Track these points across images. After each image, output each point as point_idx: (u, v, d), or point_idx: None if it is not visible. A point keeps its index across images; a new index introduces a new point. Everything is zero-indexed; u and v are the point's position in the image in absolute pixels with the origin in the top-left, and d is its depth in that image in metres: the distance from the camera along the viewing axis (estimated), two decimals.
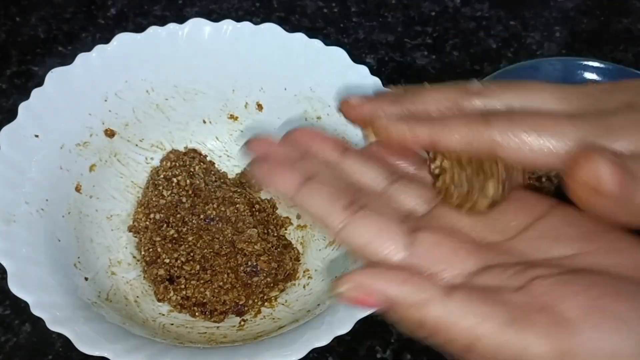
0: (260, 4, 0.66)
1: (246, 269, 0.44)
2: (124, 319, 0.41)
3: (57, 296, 0.38)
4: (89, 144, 0.46)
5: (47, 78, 0.44)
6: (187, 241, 0.45)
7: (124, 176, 0.49)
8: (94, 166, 0.47)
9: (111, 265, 0.45)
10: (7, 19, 0.63)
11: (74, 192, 0.45)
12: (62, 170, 0.44)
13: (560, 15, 0.68)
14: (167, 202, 0.46)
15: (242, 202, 0.47)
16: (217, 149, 0.52)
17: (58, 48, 0.62)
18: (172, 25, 0.48)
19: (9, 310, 0.47)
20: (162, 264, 0.44)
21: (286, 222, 0.50)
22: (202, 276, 0.44)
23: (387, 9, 0.67)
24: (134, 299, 0.44)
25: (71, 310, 0.37)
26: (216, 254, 0.45)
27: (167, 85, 0.49)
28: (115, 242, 0.47)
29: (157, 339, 0.39)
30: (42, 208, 0.42)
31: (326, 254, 0.47)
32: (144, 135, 0.50)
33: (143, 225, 0.46)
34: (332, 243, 0.47)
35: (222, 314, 0.44)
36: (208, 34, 0.48)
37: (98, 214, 0.47)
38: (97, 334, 0.36)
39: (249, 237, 0.45)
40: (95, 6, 0.65)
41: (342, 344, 0.47)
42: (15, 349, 0.45)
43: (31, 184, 0.42)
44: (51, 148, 0.44)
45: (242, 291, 0.44)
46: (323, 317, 0.38)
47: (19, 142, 0.42)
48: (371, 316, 0.37)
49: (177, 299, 0.44)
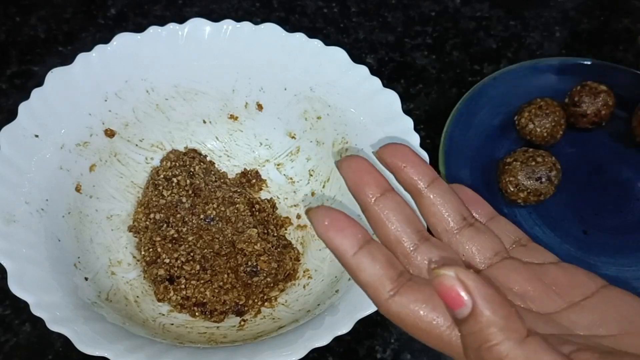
0: (260, 4, 0.66)
1: (246, 269, 0.44)
2: (124, 319, 0.40)
3: (57, 296, 0.38)
4: (89, 144, 0.46)
5: (47, 78, 0.44)
6: (187, 241, 0.45)
7: (124, 176, 0.49)
8: (94, 166, 0.47)
9: (111, 265, 0.45)
10: (7, 19, 0.63)
11: (74, 192, 0.45)
12: (62, 170, 0.44)
13: (560, 15, 0.68)
14: (167, 202, 0.46)
15: (242, 202, 0.47)
16: (217, 149, 0.52)
17: (58, 48, 0.62)
18: (172, 25, 0.48)
19: (9, 310, 0.47)
20: (162, 264, 0.44)
21: (286, 222, 0.50)
22: (202, 276, 0.44)
23: (387, 9, 0.67)
24: (134, 299, 0.44)
25: (71, 310, 0.37)
26: (216, 254, 0.45)
27: (167, 85, 0.49)
28: (115, 242, 0.47)
29: (157, 339, 0.39)
30: (42, 208, 0.42)
31: (326, 254, 0.47)
32: (144, 135, 0.50)
33: (143, 225, 0.46)
34: None
35: (222, 314, 0.44)
36: (208, 33, 0.48)
37: (98, 214, 0.47)
38: (97, 334, 0.36)
39: (249, 237, 0.45)
40: (95, 6, 0.65)
41: (342, 344, 0.47)
42: (15, 349, 0.45)
43: (31, 184, 0.42)
44: (51, 148, 0.44)
45: (242, 291, 0.44)
46: (323, 317, 0.38)
47: (19, 142, 0.42)
48: (371, 316, 0.37)
49: (177, 299, 0.44)
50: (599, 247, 0.52)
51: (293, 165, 0.52)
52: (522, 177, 0.51)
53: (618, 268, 0.50)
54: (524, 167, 0.51)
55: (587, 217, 0.53)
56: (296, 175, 0.52)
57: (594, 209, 0.54)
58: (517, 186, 0.51)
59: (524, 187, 0.51)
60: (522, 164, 0.51)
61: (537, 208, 0.53)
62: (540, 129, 0.54)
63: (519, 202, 0.52)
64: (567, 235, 0.52)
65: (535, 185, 0.51)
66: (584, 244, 0.52)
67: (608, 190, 0.55)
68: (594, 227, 0.53)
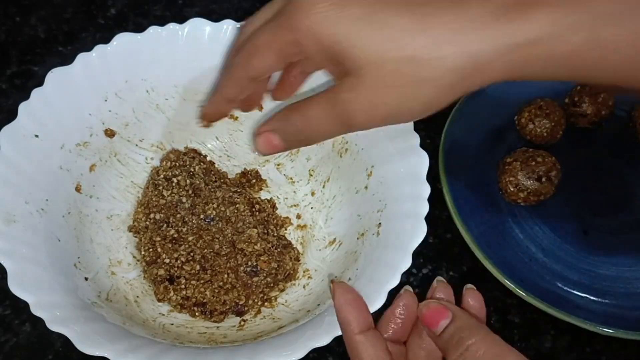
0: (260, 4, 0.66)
1: (246, 269, 0.44)
2: (124, 318, 0.40)
3: (57, 296, 0.38)
4: (89, 144, 0.46)
5: (47, 78, 0.44)
6: (187, 241, 0.45)
7: (124, 176, 0.49)
8: (94, 166, 0.47)
9: (111, 265, 0.45)
10: (7, 19, 0.63)
11: (74, 192, 0.45)
12: (62, 170, 0.44)
13: None
14: (167, 202, 0.46)
15: (242, 202, 0.47)
16: (217, 149, 0.52)
17: (58, 48, 0.62)
18: (172, 25, 0.48)
19: (9, 310, 0.47)
20: (162, 264, 0.44)
21: (286, 222, 0.50)
22: (202, 276, 0.44)
23: None
24: (134, 299, 0.44)
25: (71, 310, 0.37)
26: (216, 254, 0.45)
27: (167, 85, 0.49)
28: (115, 242, 0.47)
29: (157, 339, 0.39)
30: (42, 208, 0.42)
31: (326, 254, 0.47)
32: (144, 135, 0.50)
33: (143, 225, 0.46)
34: (332, 243, 0.47)
35: (222, 314, 0.44)
36: (208, 34, 0.48)
37: (98, 214, 0.47)
38: (97, 334, 0.36)
39: (249, 237, 0.45)
40: (95, 6, 0.65)
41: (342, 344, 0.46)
42: (15, 349, 0.45)
43: (31, 184, 0.42)
44: (51, 148, 0.44)
45: (242, 291, 0.44)
46: (323, 317, 0.38)
47: (19, 142, 0.42)
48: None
49: (177, 299, 0.44)
50: (599, 247, 0.51)
51: (293, 165, 0.52)
52: (522, 177, 0.51)
53: (618, 268, 0.50)
54: (524, 167, 0.51)
55: (587, 217, 0.53)
56: (296, 175, 0.52)
57: (594, 209, 0.54)
58: (517, 186, 0.51)
59: (524, 187, 0.51)
60: (522, 164, 0.51)
61: (537, 208, 0.53)
62: (540, 129, 0.54)
63: (519, 202, 0.52)
64: (567, 235, 0.52)
65: (535, 185, 0.50)
66: (584, 244, 0.52)
67: (608, 190, 0.55)
68: (594, 227, 0.53)
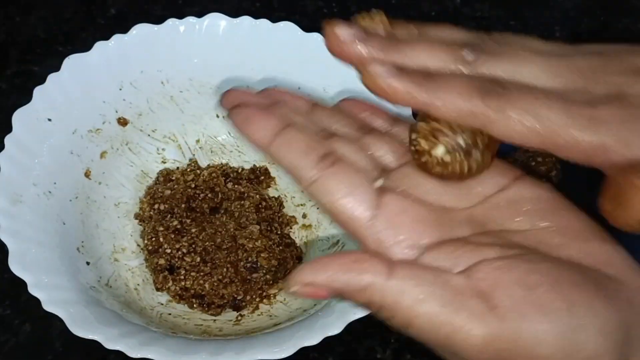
0: (260, 4, 0.66)
1: (246, 265, 0.44)
2: (121, 305, 0.41)
3: (56, 278, 0.38)
4: (102, 131, 0.47)
5: (64, 64, 0.45)
6: (189, 233, 0.45)
7: (134, 165, 0.50)
8: (105, 153, 0.47)
9: (115, 252, 0.46)
10: (7, 19, 0.64)
11: (83, 178, 0.46)
12: (73, 155, 0.45)
13: (560, 15, 0.66)
14: (172, 194, 0.47)
15: (248, 198, 0.47)
16: (228, 143, 0.53)
17: (58, 48, 0.62)
18: (190, 19, 0.48)
19: (9, 310, 0.47)
20: (163, 254, 0.45)
21: (292, 221, 0.50)
22: (202, 268, 0.44)
23: (387, 9, 0.66)
24: (134, 287, 0.45)
25: (68, 292, 0.38)
26: (217, 248, 0.45)
27: (182, 78, 0.49)
28: (121, 229, 0.47)
29: (151, 327, 0.39)
30: (49, 191, 0.42)
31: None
32: (156, 126, 0.50)
33: (147, 215, 0.47)
34: (336, 244, 0.47)
35: (220, 308, 0.44)
36: (225, 29, 0.48)
37: (106, 201, 0.47)
38: (91, 318, 0.36)
39: (250, 234, 0.45)
40: (95, 6, 0.65)
41: (342, 344, 0.46)
42: (15, 349, 0.45)
43: (41, 166, 0.43)
44: (63, 132, 0.44)
45: (241, 286, 0.44)
46: (317, 317, 0.38)
47: (31, 125, 0.43)
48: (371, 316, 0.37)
49: (176, 289, 0.44)
50: None
51: None
52: None
53: None
54: (524, 167, 0.50)
55: None
56: None
57: (594, 209, 0.53)
58: None
59: None
60: (522, 164, 0.50)
61: None
62: None
63: None
64: None
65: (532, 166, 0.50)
66: None
67: None
68: None
